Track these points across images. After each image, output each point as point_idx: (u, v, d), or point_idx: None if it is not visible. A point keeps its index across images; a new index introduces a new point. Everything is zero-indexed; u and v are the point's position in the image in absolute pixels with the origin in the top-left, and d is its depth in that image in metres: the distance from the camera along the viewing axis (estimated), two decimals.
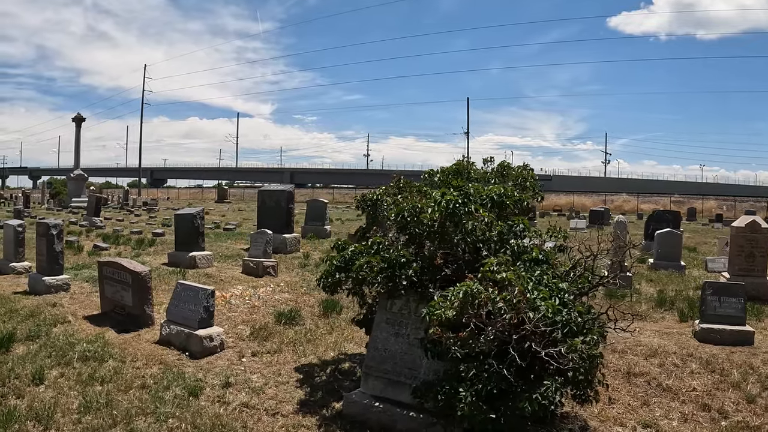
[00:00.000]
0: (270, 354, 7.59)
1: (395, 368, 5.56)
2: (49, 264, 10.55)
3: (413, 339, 5.48)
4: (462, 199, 5.65)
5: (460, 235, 5.66)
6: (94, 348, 7.16)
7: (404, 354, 5.55)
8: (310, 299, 10.88)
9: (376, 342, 5.85)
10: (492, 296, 4.71)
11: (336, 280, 6.35)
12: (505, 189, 6.19)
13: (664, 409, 6.12)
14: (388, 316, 5.85)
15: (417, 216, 5.75)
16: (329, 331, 8.75)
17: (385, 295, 5.84)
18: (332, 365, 7.33)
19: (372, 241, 6.06)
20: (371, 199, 7.08)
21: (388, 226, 7.20)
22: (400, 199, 6.75)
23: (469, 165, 7.46)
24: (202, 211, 14.95)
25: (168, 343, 7.51)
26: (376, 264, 5.70)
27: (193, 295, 7.48)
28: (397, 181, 7.50)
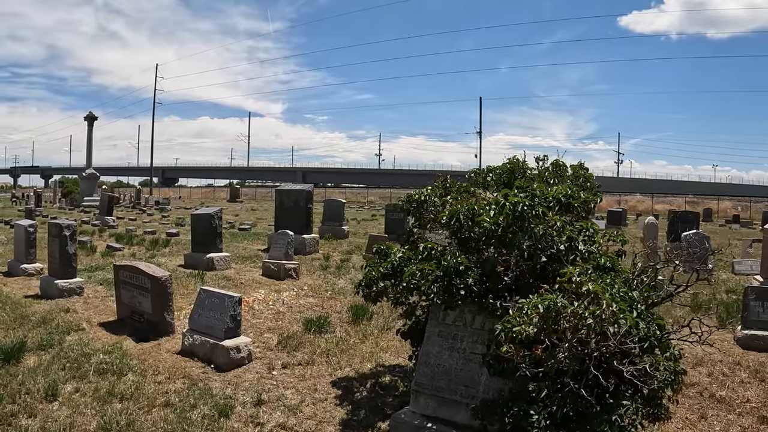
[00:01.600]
0: (302, 366, 6.99)
1: (450, 386, 5.04)
2: (61, 266, 9.99)
3: (470, 354, 5.01)
4: (529, 201, 5.07)
5: (530, 241, 5.05)
6: (111, 360, 6.56)
7: (460, 370, 5.04)
8: (336, 304, 10.28)
9: (428, 357, 5.30)
10: (579, 311, 4.14)
11: (381, 289, 5.80)
12: (571, 190, 5.58)
13: (723, 423, 5.72)
14: (441, 328, 5.31)
15: (474, 219, 5.19)
16: (362, 340, 8.15)
17: (440, 305, 5.24)
18: (371, 379, 6.74)
19: (424, 247, 5.52)
20: (417, 200, 6.45)
21: (431, 228, 6.65)
22: (449, 199, 6.13)
23: (524, 164, 6.84)
24: (220, 212, 14.39)
25: (191, 354, 6.91)
26: (431, 272, 5.13)
27: (219, 303, 6.89)
28: (443, 180, 6.86)
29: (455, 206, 5.43)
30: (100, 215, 25.95)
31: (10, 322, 8.07)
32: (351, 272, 13.43)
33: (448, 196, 6.25)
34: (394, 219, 21.69)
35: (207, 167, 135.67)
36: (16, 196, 54.21)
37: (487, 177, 6.64)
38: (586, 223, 5.44)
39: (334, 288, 11.57)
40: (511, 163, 6.66)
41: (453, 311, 5.21)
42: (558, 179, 6.46)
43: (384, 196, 69.20)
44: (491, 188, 6.45)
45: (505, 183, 6.46)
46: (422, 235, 6.46)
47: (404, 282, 5.30)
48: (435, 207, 6.29)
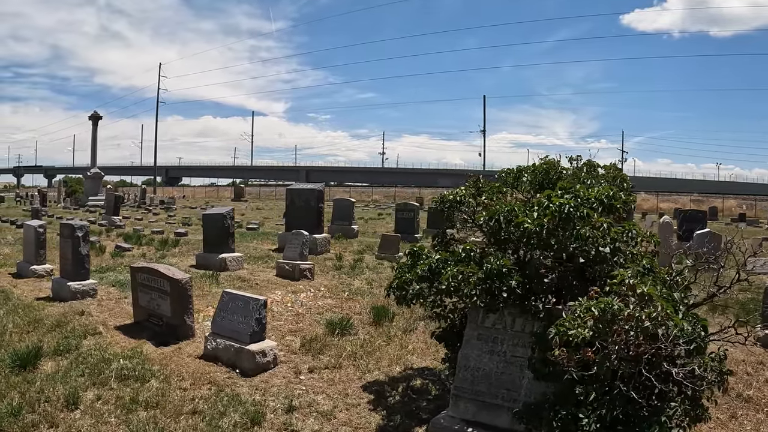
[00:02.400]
0: (329, 370, 6.76)
1: (490, 389, 4.92)
2: (74, 268, 9.75)
3: (511, 357, 4.91)
4: (575, 202, 4.90)
5: (577, 243, 4.88)
6: (132, 365, 6.32)
7: (501, 374, 4.92)
8: (355, 305, 10.05)
9: (468, 360, 5.14)
10: (635, 314, 3.99)
11: (418, 292, 5.60)
12: (612, 191, 5.39)
13: (753, 423, 5.67)
14: (480, 331, 5.15)
15: (513, 220, 5.00)
16: (386, 342, 7.92)
17: (483, 308, 5.04)
18: (402, 382, 6.52)
19: (462, 248, 5.35)
20: (451, 201, 6.23)
21: (459, 228, 6.43)
22: (484, 200, 5.94)
23: (558, 164, 6.62)
24: (232, 211, 14.16)
25: (215, 358, 6.67)
26: (473, 274, 4.93)
27: (243, 306, 6.64)
28: (476, 180, 6.64)
29: (493, 207, 5.28)
30: (107, 215, 25.71)
31: (24, 325, 7.83)
32: (365, 272, 13.21)
33: (482, 196, 6.05)
34: (404, 218, 21.53)
35: (210, 166, 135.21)
36: (20, 196, 54.03)
37: (522, 177, 6.39)
38: (628, 224, 5.29)
39: (350, 289, 11.33)
40: (546, 164, 6.43)
41: (493, 314, 5.09)
42: (594, 180, 6.24)
43: (388, 195, 69.00)
44: (524, 189, 6.26)
45: (540, 184, 6.26)
46: (462, 237, 6.30)
47: (443, 284, 5.11)
48: (470, 207, 6.09)
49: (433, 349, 7.77)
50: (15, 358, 6.28)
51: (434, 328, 8.63)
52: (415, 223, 21.60)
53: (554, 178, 6.24)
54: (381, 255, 15.74)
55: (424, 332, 8.50)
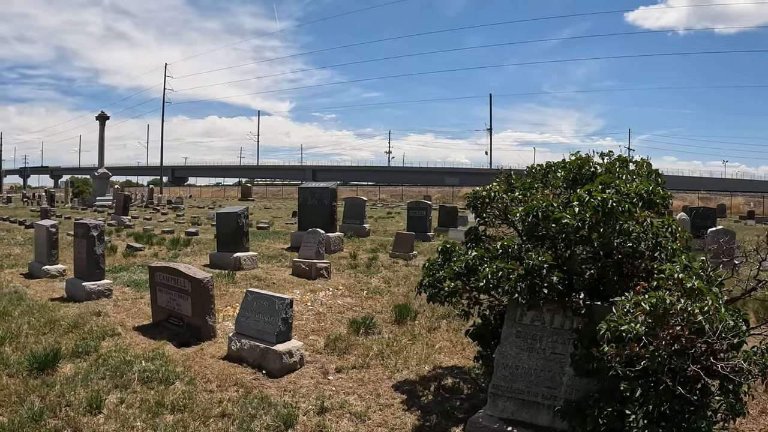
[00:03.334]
0: (357, 369, 6.54)
1: (530, 387, 4.81)
2: (89, 268, 9.56)
3: (550, 354, 4.81)
4: (617, 197, 4.75)
5: (621, 238, 4.74)
6: (155, 366, 6.11)
7: (540, 371, 4.82)
8: (375, 304, 9.83)
9: (506, 358, 4.98)
10: (687, 308, 3.92)
11: (454, 289, 5.49)
12: (651, 186, 5.24)
13: None
14: (519, 328, 5.00)
15: (551, 216, 4.86)
16: (411, 340, 7.71)
17: (517, 305, 4.88)
18: (433, 381, 6.31)
19: (501, 245, 5.20)
20: (484, 197, 6.07)
21: (487, 224, 6.27)
22: (518, 196, 5.82)
23: (590, 159, 6.44)
24: (246, 210, 13.93)
25: (239, 359, 6.45)
26: (513, 270, 4.77)
27: (269, 306, 6.42)
28: (507, 176, 6.48)
29: (529, 203, 5.14)
30: (116, 215, 25.58)
31: (40, 327, 7.61)
32: (382, 271, 13.01)
33: (515, 192, 5.94)
34: (416, 217, 21.33)
35: (216, 166, 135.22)
36: (27, 197, 53.98)
37: (555, 172, 6.20)
38: (668, 219, 5.17)
39: (368, 287, 11.11)
40: (579, 159, 6.24)
41: (530, 311, 4.93)
42: (628, 175, 6.06)
43: (395, 194, 68.82)
44: (557, 184, 6.07)
45: (573, 179, 6.05)
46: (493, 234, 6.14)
47: (481, 281, 4.96)
48: (502, 203, 5.96)
49: (459, 347, 7.58)
50: (33, 361, 6.06)
51: (458, 325, 8.52)
52: (428, 221, 21.39)
53: (588, 173, 6.04)
54: (395, 254, 15.54)
55: (448, 330, 8.31)
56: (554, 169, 6.40)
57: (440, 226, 23.52)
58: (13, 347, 6.79)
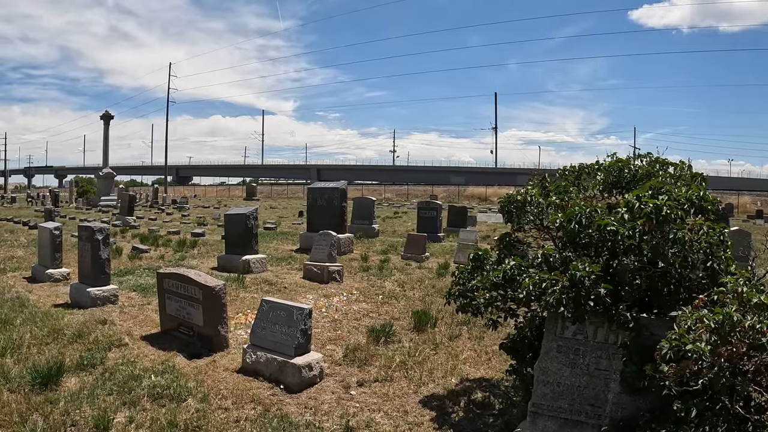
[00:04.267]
0: (380, 383, 6.15)
1: (572, 405, 4.57)
2: (93, 272, 9.16)
3: (594, 370, 4.55)
4: (672, 204, 4.44)
5: (676, 248, 4.39)
6: (165, 381, 5.70)
7: (583, 388, 4.57)
8: (392, 310, 9.44)
9: (547, 375, 4.70)
10: (755, 325, 3.62)
11: (490, 300, 5.17)
12: (701, 191, 4.91)
13: None
14: (560, 342, 4.72)
15: (594, 223, 4.57)
16: (434, 350, 7.34)
17: (569, 318, 4.49)
18: (462, 396, 5.94)
19: (542, 254, 4.92)
20: (519, 201, 5.70)
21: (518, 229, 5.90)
22: (555, 200, 5.46)
23: (632, 162, 6.07)
24: (256, 211, 13.52)
25: (254, 372, 6.05)
26: (558, 281, 4.43)
27: (286, 316, 6.02)
28: (542, 179, 6.14)
29: (570, 208, 4.85)
30: (121, 215, 25.22)
31: (43, 336, 7.22)
32: (395, 274, 12.63)
33: (552, 196, 5.59)
34: (426, 217, 20.96)
35: (221, 165, 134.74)
36: (31, 196, 53.79)
37: (596, 176, 5.84)
38: (720, 226, 4.76)
39: (383, 292, 10.72)
40: (619, 161, 5.93)
41: (573, 324, 4.64)
42: (671, 179, 5.69)
43: (401, 193, 68.42)
44: (596, 188, 5.76)
45: (612, 183, 5.74)
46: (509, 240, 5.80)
47: (522, 293, 4.64)
48: (539, 208, 5.61)
49: (484, 357, 7.22)
50: (35, 375, 5.68)
51: (479, 333, 8.14)
52: (438, 222, 21.00)
53: (628, 176, 5.71)
54: (407, 255, 15.16)
55: (470, 338, 7.95)
56: (588, 172, 6.15)
57: (449, 226, 23.11)
58: (14, 359, 6.41)
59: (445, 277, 12.30)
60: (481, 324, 8.42)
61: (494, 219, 32.81)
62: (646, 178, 5.69)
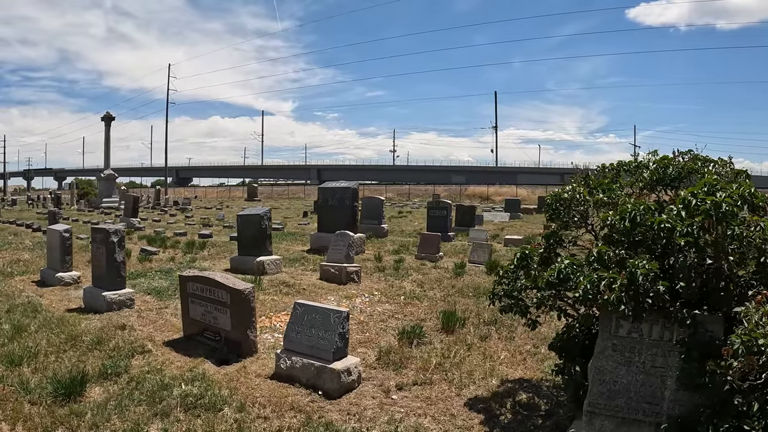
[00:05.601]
0: (419, 386, 5.88)
1: (629, 404, 4.53)
2: (109, 276, 8.86)
3: (650, 367, 4.52)
4: (730, 201, 4.35)
5: (735, 244, 4.33)
6: (197, 390, 5.39)
7: (640, 386, 4.53)
8: (416, 310, 9.15)
9: (602, 374, 4.63)
10: None
11: (542, 300, 4.97)
12: (752, 187, 4.86)
13: None
14: (615, 341, 4.64)
15: (647, 220, 4.52)
16: (467, 351, 7.07)
17: (628, 317, 4.38)
18: (506, 397, 5.69)
19: (597, 251, 4.73)
20: (566, 198, 5.50)
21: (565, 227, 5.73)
22: (603, 198, 5.41)
23: (675, 158, 5.90)
24: (269, 212, 13.23)
25: (290, 378, 5.75)
26: (616, 280, 4.32)
27: (322, 319, 5.73)
28: (585, 176, 5.95)
29: (623, 205, 4.77)
30: (125, 217, 24.92)
31: (60, 343, 6.90)
32: (412, 274, 12.35)
33: (600, 194, 5.52)
34: (436, 216, 20.73)
35: (221, 166, 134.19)
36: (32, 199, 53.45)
37: (643, 173, 5.73)
38: None
39: (404, 292, 10.43)
40: (665, 159, 5.78)
41: (627, 322, 4.56)
42: (717, 176, 5.50)
43: (402, 193, 68.12)
44: (640, 185, 5.66)
45: (658, 180, 5.61)
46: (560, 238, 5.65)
47: (578, 292, 4.49)
48: (584, 206, 5.53)
49: (518, 357, 6.97)
50: (58, 386, 5.35)
51: (508, 333, 7.86)
52: (448, 221, 20.73)
53: (673, 173, 5.57)
54: (421, 255, 14.89)
55: (501, 338, 7.69)
56: (627, 169, 6.06)
57: (457, 225, 22.87)
58: (32, 368, 6.10)
59: (462, 277, 12.05)
60: (508, 324, 8.24)
61: (500, 218, 32.58)
62: (690, 175, 5.60)
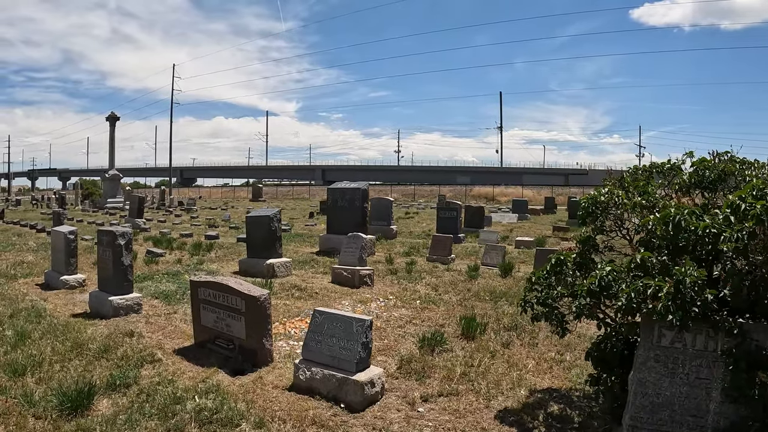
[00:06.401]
0: (446, 397, 5.56)
1: (673, 416, 4.40)
2: (116, 280, 8.55)
3: (694, 379, 4.41)
4: None
5: None
6: (212, 404, 5.06)
7: (684, 398, 4.42)
8: (433, 315, 8.83)
9: (645, 386, 4.49)
10: None
11: (583, 308, 4.72)
12: None
13: None
14: (657, 352, 4.48)
15: (691, 225, 4.36)
16: (491, 359, 6.75)
17: (676, 326, 4.19)
18: (537, 409, 5.39)
19: (640, 258, 4.55)
20: (604, 202, 5.23)
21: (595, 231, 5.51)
22: (642, 201, 5.18)
23: (714, 160, 5.63)
24: (279, 213, 12.92)
25: (309, 390, 5.42)
26: (662, 288, 4.15)
27: (344, 328, 5.41)
28: (621, 179, 5.75)
29: (665, 210, 4.61)
30: (130, 217, 24.64)
31: (65, 351, 6.57)
32: (425, 277, 12.03)
33: (637, 197, 5.31)
34: (446, 218, 20.47)
35: (225, 167, 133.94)
36: (36, 199, 53.22)
37: (682, 175, 5.52)
38: None
39: (419, 296, 10.12)
40: (704, 161, 5.54)
41: (669, 332, 4.42)
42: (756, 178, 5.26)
43: (407, 193, 67.76)
44: (675, 188, 5.51)
45: (695, 183, 5.42)
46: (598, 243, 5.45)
47: (621, 300, 4.34)
48: (625, 209, 5.31)
49: (544, 365, 6.67)
50: (63, 398, 5.02)
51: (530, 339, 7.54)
52: (458, 222, 20.42)
53: (712, 176, 5.36)
54: (433, 257, 14.59)
55: (523, 345, 7.40)
56: (659, 171, 5.88)
57: (467, 226, 22.55)
58: (36, 378, 5.77)
59: (476, 280, 11.74)
60: (529, 330, 7.91)
61: (508, 219, 32.23)
62: (728, 178, 5.38)
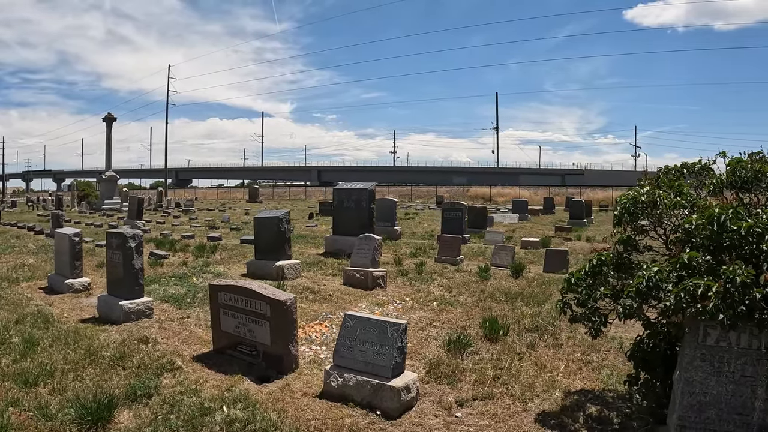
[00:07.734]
0: (481, 401, 5.38)
1: (720, 415, 4.45)
2: (126, 284, 8.28)
3: (739, 377, 4.45)
4: None
5: None
6: (243, 414, 4.81)
7: (730, 397, 4.47)
8: (452, 317, 8.63)
9: (692, 386, 4.50)
10: None
11: (631, 309, 4.64)
12: None
13: None
14: (702, 351, 4.51)
15: (735, 224, 4.40)
16: (519, 360, 6.60)
17: (726, 326, 4.18)
18: (575, 411, 5.25)
19: (687, 257, 4.50)
20: (645, 202, 5.16)
21: None
22: (681, 200, 5.18)
23: (750, 162, 5.51)
24: (288, 214, 12.67)
25: (342, 398, 5.20)
26: (710, 287, 4.13)
27: (377, 333, 5.18)
28: (657, 178, 5.63)
29: (710, 209, 4.64)
30: (129, 219, 24.34)
31: (79, 360, 6.28)
32: (437, 278, 11.85)
33: (676, 196, 5.28)
34: (451, 218, 20.30)
35: (220, 168, 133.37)
36: (32, 201, 52.80)
37: (721, 176, 5.34)
38: None
39: (434, 298, 9.91)
40: (740, 161, 5.44)
41: (714, 330, 4.48)
42: None
43: (404, 194, 67.48)
44: (710, 188, 5.41)
45: (732, 183, 5.30)
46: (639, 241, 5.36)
47: (669, 300, 4.31)
48: (665, 209, 5.23)
49: (573, 366, 6.52)
50: (82, 411, 4.74)
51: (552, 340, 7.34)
52: (463, 223, 20.24)
53: (748, 176, 5.27)
54: (441, 258, 14.42)
55: (547, 346, 7.23)
56: (691, 171, 5.81)
57: (470, 227, 22.36)
58: (49, 389, 5.46)
59: (488, 281, 11.55)
60: (551, 331, 7.71)
61: (509, 219, 32.10)
62: (761, 178, 5.26)
